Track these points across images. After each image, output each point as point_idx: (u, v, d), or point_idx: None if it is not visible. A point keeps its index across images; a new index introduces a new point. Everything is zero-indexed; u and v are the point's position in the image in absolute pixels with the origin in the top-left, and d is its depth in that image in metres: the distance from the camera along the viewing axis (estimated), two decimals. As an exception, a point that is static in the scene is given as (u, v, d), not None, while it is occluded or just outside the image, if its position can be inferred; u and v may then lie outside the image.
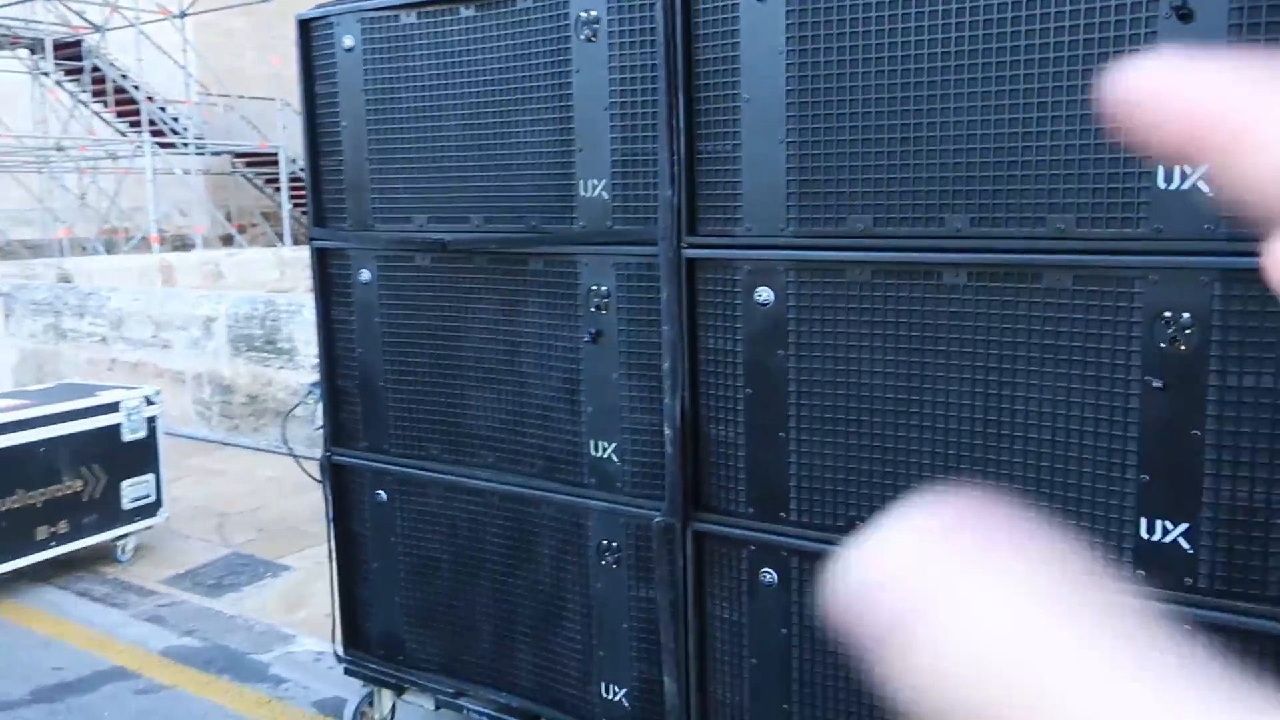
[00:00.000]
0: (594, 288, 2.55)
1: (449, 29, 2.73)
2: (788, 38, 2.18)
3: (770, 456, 2.33)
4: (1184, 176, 1.82)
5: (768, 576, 2.37)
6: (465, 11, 2.69)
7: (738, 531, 2.40)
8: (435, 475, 2.91)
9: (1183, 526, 1.91)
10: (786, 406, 2.29)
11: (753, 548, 2.38)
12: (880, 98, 2.10)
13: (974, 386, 2.08)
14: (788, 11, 2.17)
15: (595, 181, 2.51)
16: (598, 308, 2.55)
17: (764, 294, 2.29)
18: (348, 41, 2.93)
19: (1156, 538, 1.94)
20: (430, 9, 2.77)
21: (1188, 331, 1.86)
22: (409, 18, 2.81)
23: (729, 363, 2.37)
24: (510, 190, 2.67)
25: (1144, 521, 1.95)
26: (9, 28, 18.63)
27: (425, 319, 2.89)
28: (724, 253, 2.34)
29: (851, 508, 2.25)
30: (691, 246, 2.37)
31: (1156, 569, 1.94)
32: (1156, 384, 1.89)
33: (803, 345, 2.26)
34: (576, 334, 2.59)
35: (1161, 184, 1.85)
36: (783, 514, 2.33)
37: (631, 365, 2.52)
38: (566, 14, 2.50)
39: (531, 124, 2.60)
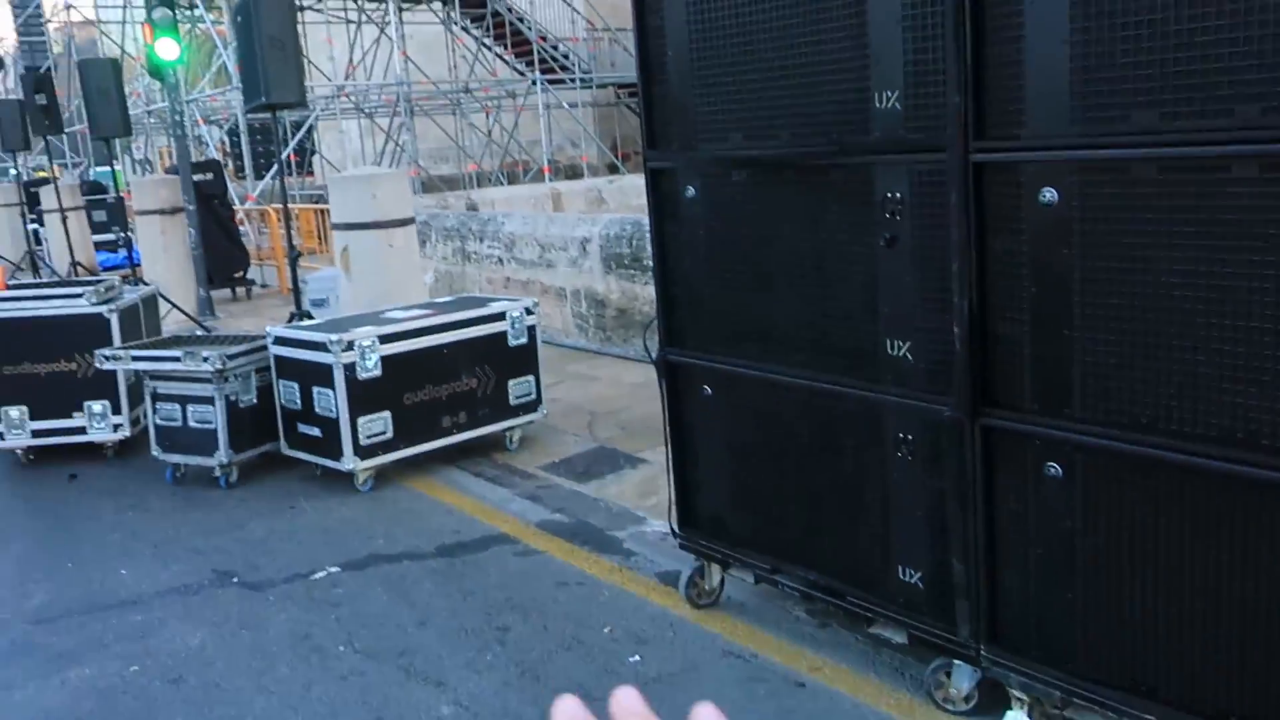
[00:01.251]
0: (889, 195, 2.69)
1: (759, -43, 2.93)
2: (1071, -64, 2.18)
3: (1055, 353, 2.39)
4: None
5: (1052, 470, 2.45)
6: (773, -60, 2.88)
7: (1023, 426, 2.48)
8: (751, 372, 3.20)
9: None
10: (1071, 304, 2.34)
11: (1037, 442, 2.46)
12: (1167, -12, 2.06)
13: (1263, 282, 2.02)
14: (1072, -91, 2.17)
15: (889, 93, 2.64)
16: (892, 214, 2.69)
17: (1048, 194, 2.33)
18: (675, -20, 3.21)
19: None
20: (744, -59, 2.97)
21: None
22: (726, -50, 3.04)
23: (1015, 263, 2.43)
24: (813, 107, 2.85)
25: None
26: (425, -16, 20.83)
27: (741, 230, 3.16)
28: (1009, 155, 2.40)
29: (1136, 403, 2.27)
30: (979, 151, 2.45)
31: None
32: None
33: (1088, 243, 2.28)
34: (874, 239, 2.75)
35: None
36: (1067, 409, 2.39)
37: (924, 267, 2.64)
38: (862, -67, 2.62)
39: (831, 43, 2.76)
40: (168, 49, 9.59)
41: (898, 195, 2.66)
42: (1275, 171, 1.99)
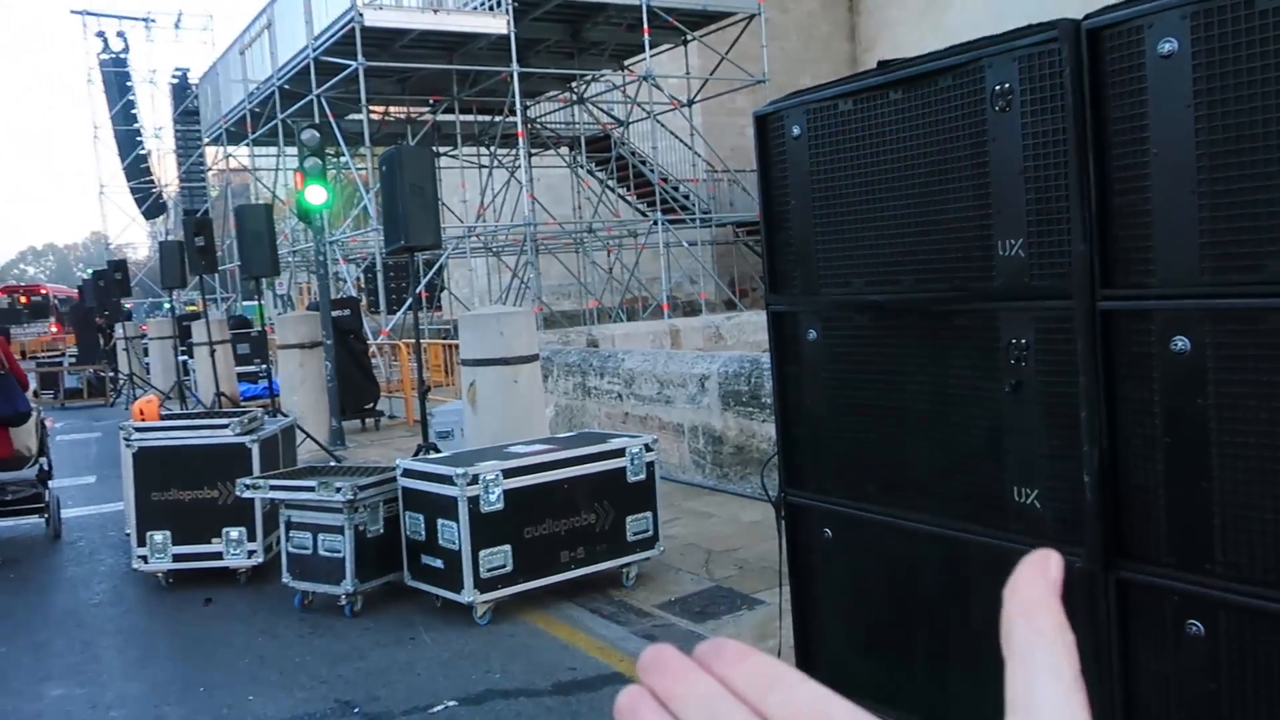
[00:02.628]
0: (1013, 340, 2.69)
1: (880, 111, 3.04)
2: (1194, 89, 2.21)
3: (1193, 505, 2.32)
4: None
5: (1194, 628, 2.34)
6: (894, 95, 2.99)
7: (1161, 580, 2.39)
8: (873, 515, 3.17)
9: None
10: (1209, 455, 2.27)
11: (1176, 597, 2.37)
12: (1297, 140, 2.06)
13: None
14: (1194, 65, 2.21)
15: (1012, 241, 2.66)
16: (1017, 359, 2.68)
17: (1180, 343, 2.30)
18: (795, 130, 3.34)
19: None
20: (864, 95, 3.09)
21: None
22: (846, 105, 3.16)
23: (1147, 411, 2.39)
24: (935, 253, 2.89)
25: None
26: (552, 130, 21.91)
27: (863, 372, 3.18)
28: (1139, 304, 2.38)
29: (1283, 561, 2.17)
30: (1106, 299, 2.44)
31: None
32: None
33: (1223, 393, 2.23)
34: (998, 384, 2.74)
35: None
36: (1208, 565, 2.30)
37: (1051, 414, 2.61)
38: (982, 88, 2.70)
39: (953, 191, 2.82)
40: (316, 195, 10.24)
41: (1023, 341, 2.66)
42: None
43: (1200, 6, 2.19)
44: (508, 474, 5.14)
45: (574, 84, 20.76)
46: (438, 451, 7.10)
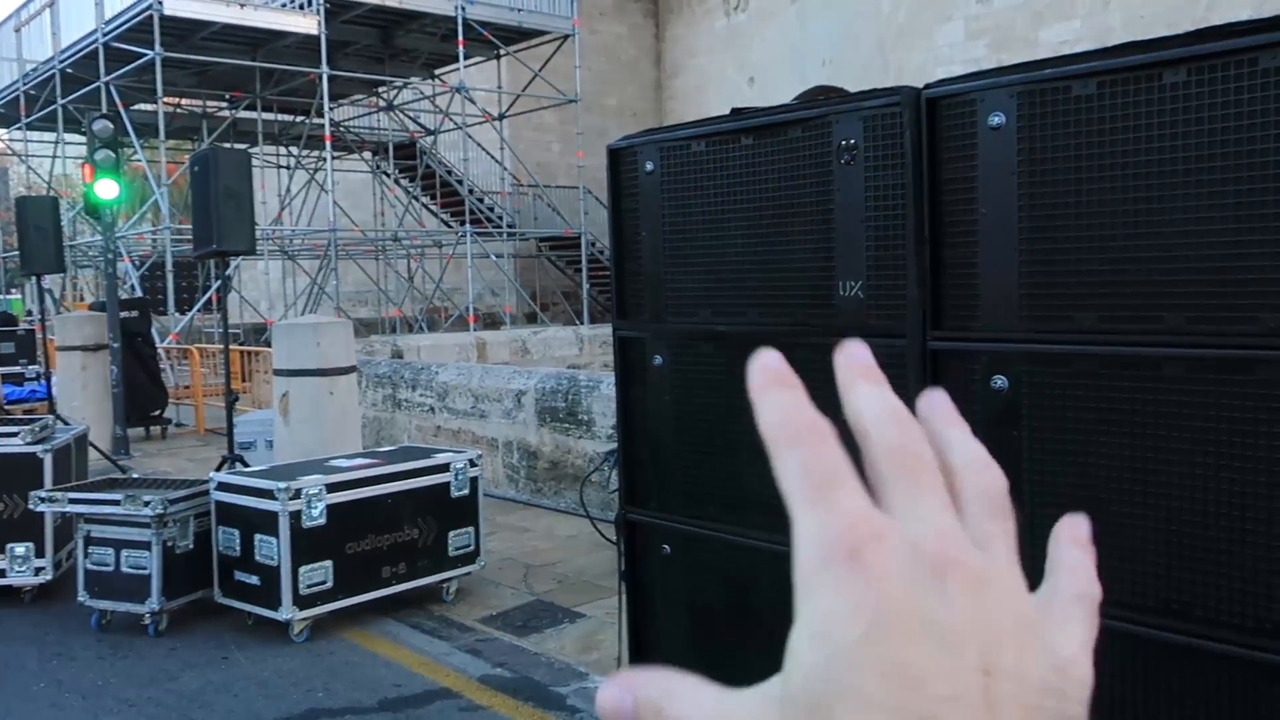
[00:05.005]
0: (850, 374, 2.92)
1: (731, 155, 3.23)
2: (1019, 160, 2.51)
3: (1006, 527, 2.60)
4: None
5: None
6: (745, 140, 3.19)
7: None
8: (712, 533, 3.36)
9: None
10: (1020, 484, 2.57)
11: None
12: (1103, 210, 2.38)
13: (1194, 470, 2.28)
14: (1019, 137, 2.50)
15: (852, 283, 2.91)
16: (853, 391, 2.92)
17: (999, 381, 2.59)
18: (649, 166, 3.51)
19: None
20: (717, 138, 3.29)
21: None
22: (699, 146, 3.34)
23: (969, 442, 2.67)
24: (780, 290, 3.11)
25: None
26: (357, 134, 21.42)
27: (706, 398, 3.37)
28: (964, 345, 2.66)
29: (1081, 576, 2.48)
30: (936, 339, 2.72)
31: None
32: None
33: (1035, 426, 2.53)
34: (836, 415, 2.97)
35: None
36: (1018, 579, 2.59)
37: (883, 442, 2.86)
38: (829, 141, 2.94)
39: (799, 233, 3.04)
40: (108, 189, 9.67)
41: (859, 375, 2.90)
42: (1199, 371, 2.27)
43: (1026, 87, 2.49)
44: (331, 488, 5.06)
45: (382, 89, 20.38)
46: (245, 464, 6.87)
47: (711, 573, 3.39)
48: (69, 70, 16.67)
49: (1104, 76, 2.37)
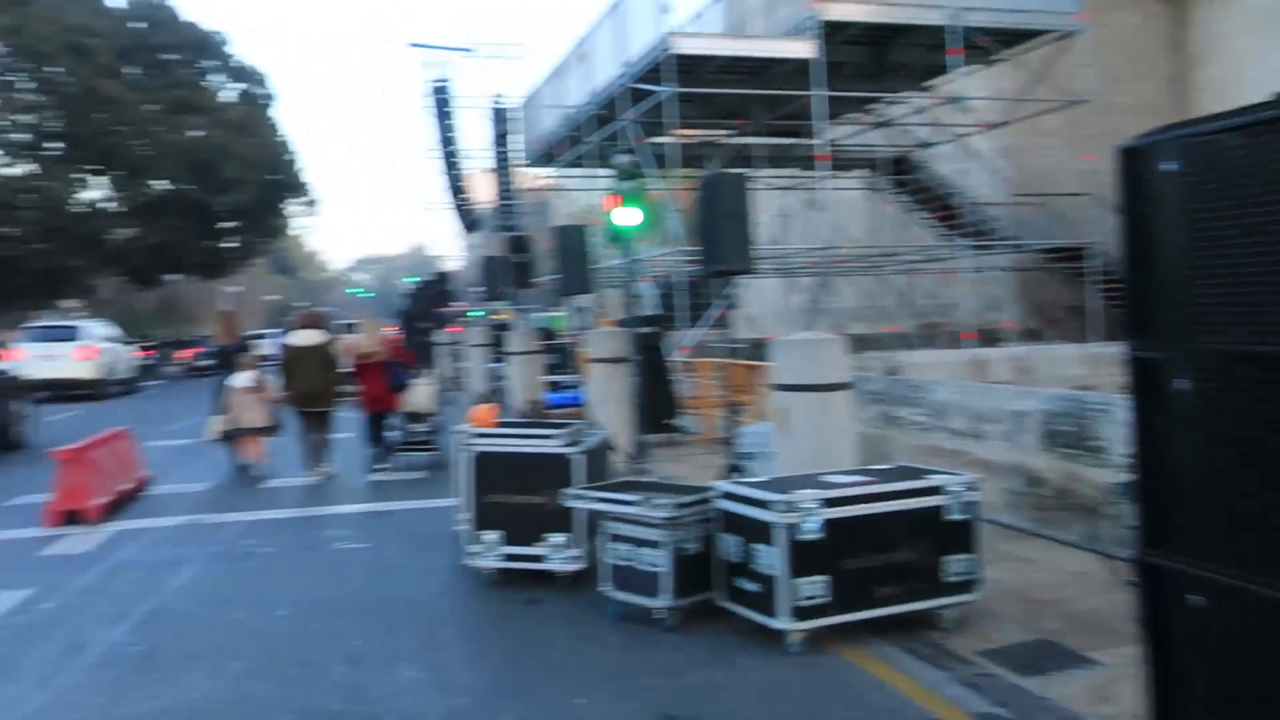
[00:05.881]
0: None
1: (1276, 145, 2.81)
2: None
3: None
4: None
5: None
6: (1297, 129, 2.75)
7: None
8: (1260, 588, 2.92)
9: None
10: None
11: None
12: None
13: None
14: None
15: None
16: None
17: None
18: (1169, 165, 3.15)
19: None
20: (1260, 130, 2.87)
21: None
22: (1234, 140, 2.94)
23: None
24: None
25: None
26: (850, 152, 21.74)
27: (1246, 430, 2.94)
28: None
29: None
30: None
31: None
32: None
33: None
34: None
35: None
36: None
37: None
38: None
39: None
40: (630, 217, 10.67)
41: None
42: None
43: None
44: (828, 503, 5.15)
45: (874, 106, 20.49)
46: (741, 473, 7.21)
47: (1254, 635, 2.95)
48: (599, 113, 18.72)
49: None
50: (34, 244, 41.02)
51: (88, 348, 25.46)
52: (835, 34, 16.60)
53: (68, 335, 25.60)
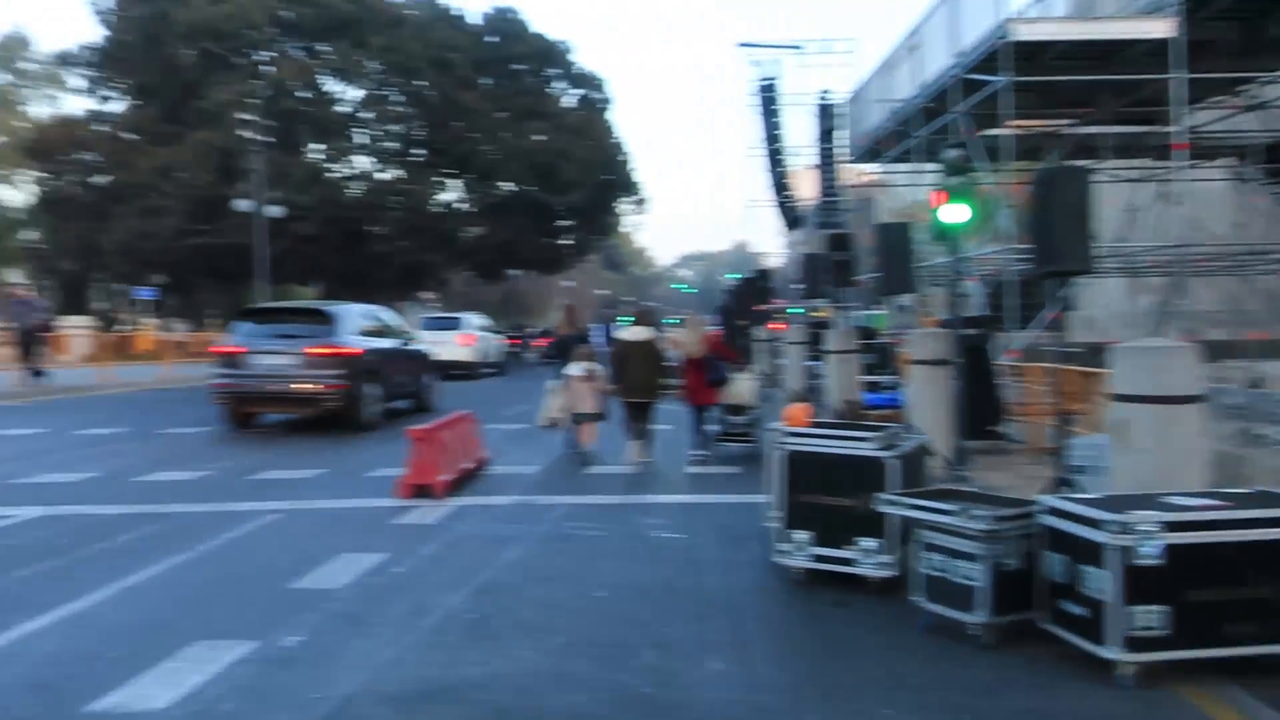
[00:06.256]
0: None
1: None
2: None
3: None
4: None
5: None
6: None
7: None
8: None
9: None
10: None
11: None
12: None
13: None
14: None
15: None
16: None
17: None
18: None
19: None
20: None
21: None
22: None
23: None
24: None
25: None
26: (1214, 139, 19.68)
27: None
28: None
29: None
30: None
31: None
32: None
33: None
34: None
35: None
36: None
37: None
38: None
39: None
40: (958, 213, 10.25)
41: None
42: None
43: None
44: (1170, 526, 4.70)
45: (1245, 87, 18.40)
46: (1070, 488, 6.73)
47: None
48: (928, 105, 18.11)
49: None
50: (399, 241, 45.81)
51: (468, 335, 31.01)
52: (1199, 9, 15.07)
53: (452, 325, 31.43)
